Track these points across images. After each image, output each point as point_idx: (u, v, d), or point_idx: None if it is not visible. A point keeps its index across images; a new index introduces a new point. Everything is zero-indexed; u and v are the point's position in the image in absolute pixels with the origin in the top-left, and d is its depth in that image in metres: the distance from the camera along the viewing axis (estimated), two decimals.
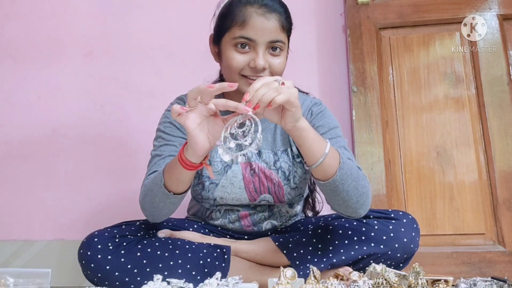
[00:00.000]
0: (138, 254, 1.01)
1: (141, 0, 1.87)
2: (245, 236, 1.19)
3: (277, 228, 1.20)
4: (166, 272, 1.00)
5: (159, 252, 1.03)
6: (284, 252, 1.08)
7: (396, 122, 1.69)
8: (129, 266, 1.00)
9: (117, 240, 1.03)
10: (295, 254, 1.07)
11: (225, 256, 1.06)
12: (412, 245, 1.04)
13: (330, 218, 1.13)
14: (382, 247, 1.02)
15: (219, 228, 1.19)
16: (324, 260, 1.04)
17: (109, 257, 0.99)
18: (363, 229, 1.04)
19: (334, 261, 1.04)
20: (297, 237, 1.10)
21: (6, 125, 1.81)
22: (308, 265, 1.02)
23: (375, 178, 1.61)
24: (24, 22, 1.88)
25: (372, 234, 1.03)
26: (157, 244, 1.04)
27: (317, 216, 1.27)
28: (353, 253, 1.03)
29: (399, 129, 1.69)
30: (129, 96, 1.81)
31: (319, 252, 1.05)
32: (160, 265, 1.01)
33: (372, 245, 1.03)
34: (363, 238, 1.04)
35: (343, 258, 1.04)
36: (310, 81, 1.78)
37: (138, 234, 1.08)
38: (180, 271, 1.02)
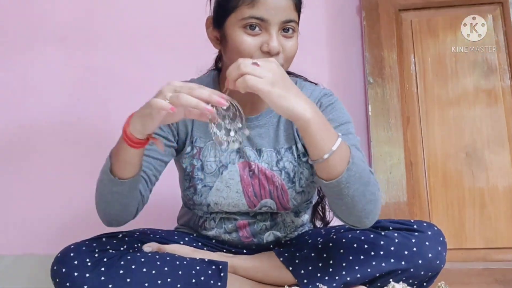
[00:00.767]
0: (121, 271, 1.00)
1: None
2: (244, 250, 1.19)
3: (280, 240, 1.19)
4: None
5: (145, 270, 1.02)
6: (290, 268, 1.07)
7: (419, 118, 1.70)
8: (110, 286, 0.99)
9: (96, 255, 1.02)
10: (302, 271, 1.06)
11: (222, 274, 1.05)
12: (438, 261, 1.03)
13: (342, 230, 1.12)
14: (403, 263, 1.01)
15: (213, 241, 1.19)
16: (336, 278, 1.03)
17: (87, 275, 0.98)
18: (382, 243, 1.03)
19: (348, 280, 1.03)
20: (304, 251, 1.09)
21: None
22: (318, 284, 1.01)
23: (395, 183, 1.61)
24: None
25: (392, 249, 1.02)
26: (143, 259, 1.04)
27: (327, 227, 1.27)
28: (369, 270, 1.02)
29: (422, 126, 1.69)
30: (112, 89, 1.80)
31: (330, 269, 1.04)
32: (146, 284, 1.00)
33: (392, 261, 1.02)
34: (381, 253, 1.03)
35: (358, 276, 1.03)
36: (320, 71, 1.77)
37: (121, 248, 1.07)
38: None
